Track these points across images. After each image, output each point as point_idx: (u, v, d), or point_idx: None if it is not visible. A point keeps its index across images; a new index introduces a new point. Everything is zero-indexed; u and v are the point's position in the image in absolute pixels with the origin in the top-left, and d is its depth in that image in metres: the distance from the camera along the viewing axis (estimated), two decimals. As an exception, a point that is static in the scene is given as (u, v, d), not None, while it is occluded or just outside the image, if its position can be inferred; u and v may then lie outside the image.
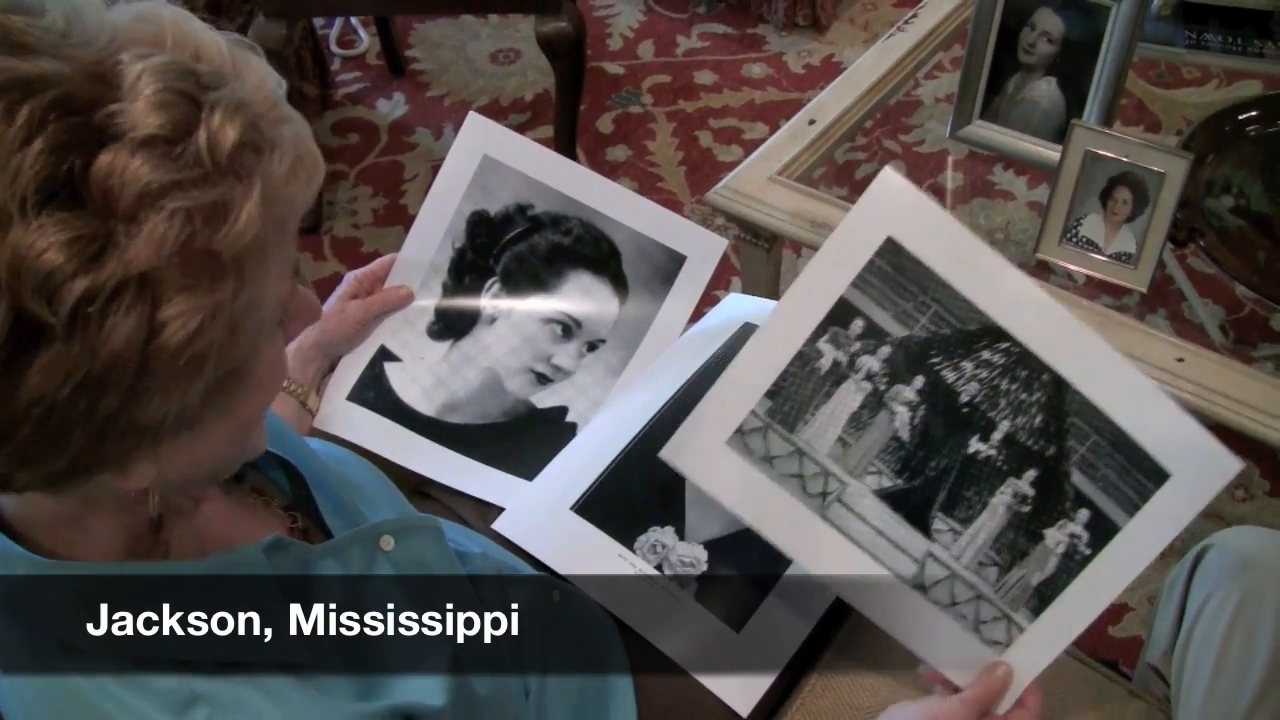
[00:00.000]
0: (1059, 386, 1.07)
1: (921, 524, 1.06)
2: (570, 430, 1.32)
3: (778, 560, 1.15)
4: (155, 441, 0.69)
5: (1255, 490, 2.10)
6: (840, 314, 1.07)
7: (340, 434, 1.29)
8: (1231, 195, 1.58)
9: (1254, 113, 1.66)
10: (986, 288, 1.07)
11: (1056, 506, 1.07)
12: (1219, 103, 1.75)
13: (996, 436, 1.07)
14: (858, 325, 1.07)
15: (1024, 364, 1.07)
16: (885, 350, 1.08)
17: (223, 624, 0.80)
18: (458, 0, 2.54)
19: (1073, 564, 1.06)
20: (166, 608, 0.79)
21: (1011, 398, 1.08)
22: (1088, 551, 1.06)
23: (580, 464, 1.26)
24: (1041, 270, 1.54)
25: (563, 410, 1.33)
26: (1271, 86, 1.85)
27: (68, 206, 0.60)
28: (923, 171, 2.37)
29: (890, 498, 1.07)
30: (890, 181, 1.07)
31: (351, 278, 1.36)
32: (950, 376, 1.08)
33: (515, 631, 1.06)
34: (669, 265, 1.37)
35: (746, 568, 1.17)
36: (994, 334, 1.07)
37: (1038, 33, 1.59)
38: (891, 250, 1.06)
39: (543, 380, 1.34)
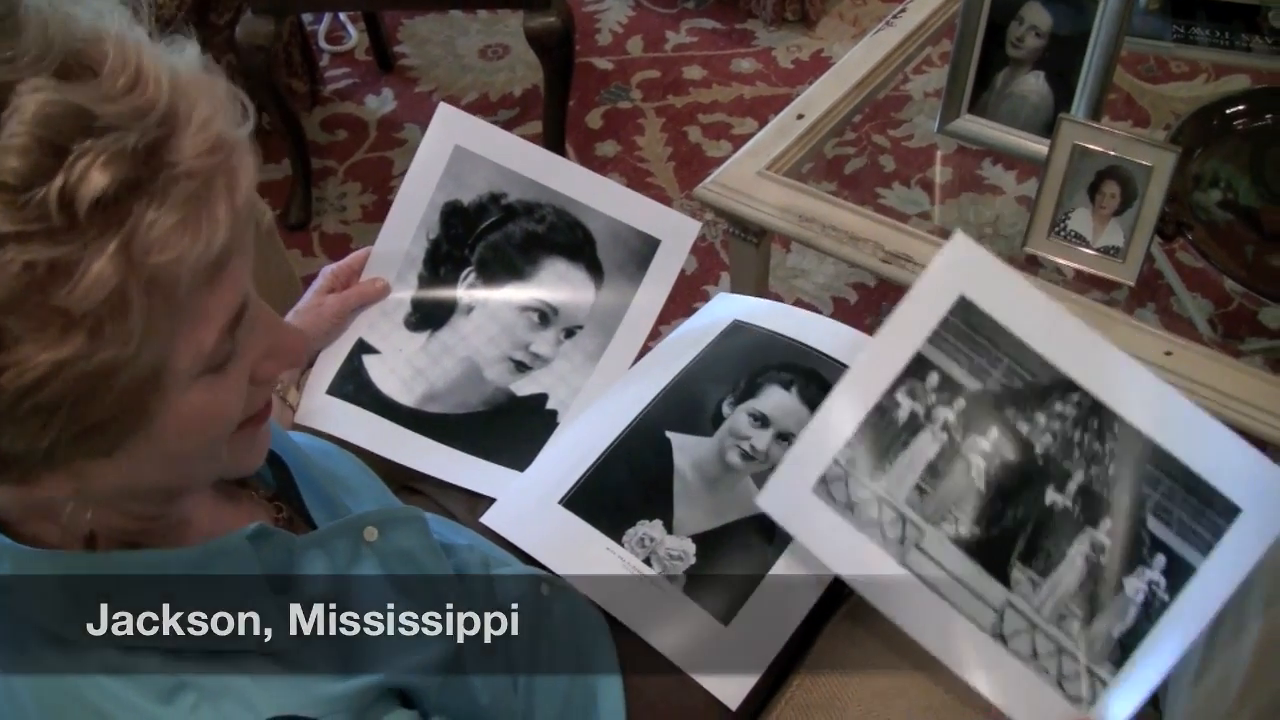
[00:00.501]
0: (1130, 435, 1.11)
1: (1000, 573, 1.09)
2: (551, 417, 1.32)
3: (766, 554, 1.16)
4: (40, 465, 0.68)
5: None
6: (917, 368, 1.13)
7: (322, 428, 1.29)
8: (1219, 189, 1.58)
9: (1241, 107, 1.66)
10: (1055, 341, 1.13)
11: (1134, 554, 1.09)
12: (1207, 97, 1.75)
13: (1072, 487, 1.11)
14: (934, 379, 1.13)
15: (1095, 414, 1.12)
16: (960, 403, 1.13)
17: (206, 614, 0.80)
18: (446, -5, 2.54)
19: (1152, 611, 1.07)
20: (152, 596, 0.78)
21: (1085, 448, 1.11)
22: (1166, 597, 1.08)
23: (569, 458, 1.26)
24: (1031, 264, 1.54)
25: (543, 397, 1.33)
26: (1259, 81, 1.85)
27: None
28: (912, 166, 2.38)
29: (968, 546, 1.10)
30: (961, 243, 1.15)
31: (327, 272, 1.36)
32: (1024, 428, 1.12)
33: (504, 626, 1.07)
34: (643, 249, 1.37)
35: (735, 562, 1.17)
36: (1065, 386, 1.12)
37: (1026, 27, 1.59)
38: (964, 308, 1.14)
39: (521, 368, 1.34)
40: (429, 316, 1.37)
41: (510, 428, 1.32)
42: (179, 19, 2.57)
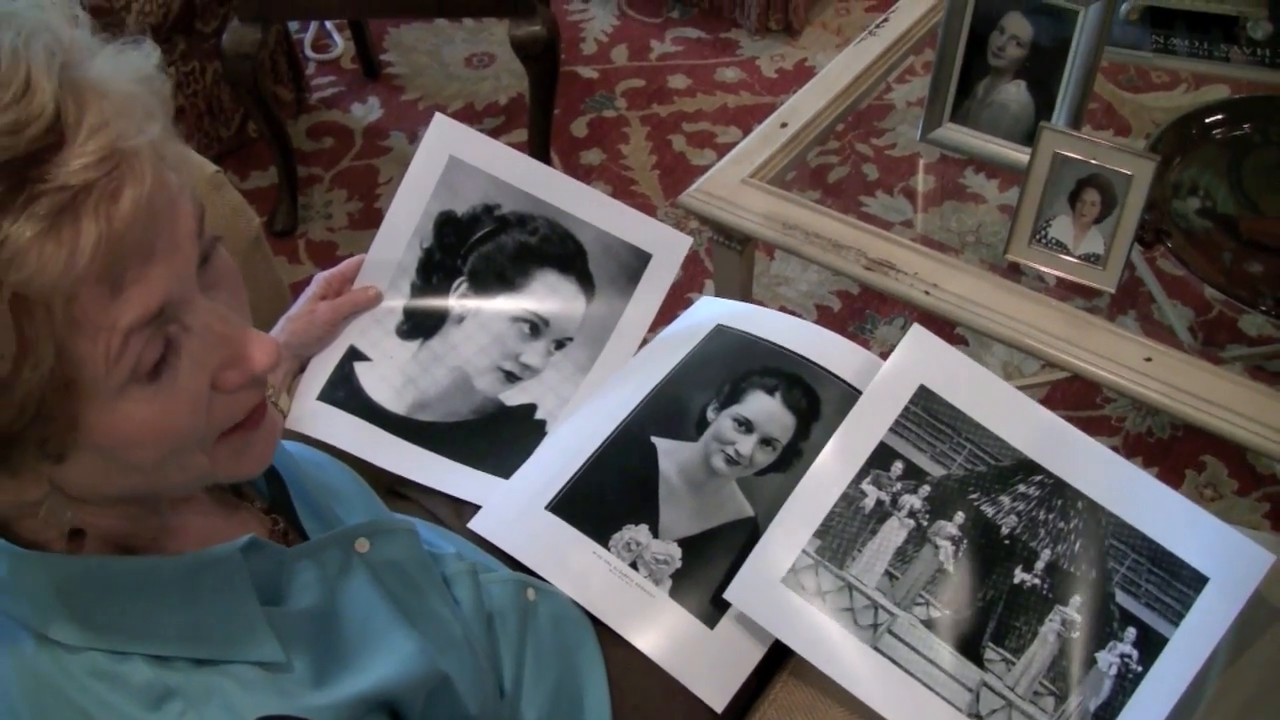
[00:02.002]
0: (1093, 511, 1.15)
1: (973, 654, 1.11)
2: (539, 427, 1.33)
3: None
4: None
5: (1224, 490, 2.12)
6: (881, 457, 1.18)
7: (313, 434, 1.30)
8: (1198, 197, 1.60)
9: (1220, 116, 1.68)
10: (1015, 425, 1.18)
11: (1105, 628, 1.11)
12: (1187, 106, 1.77)
13: (1039, 565, 1.14)
14: (898, 467, 1.17)
15: (1059, 493, 1.16)
16: (925, 489, 1.17)
17: (195, 623, 0.80)
18: (432, 4, 2.54)
19: (1126, 683, 1.09)
20: (142, 603, 0.79)
21: (1050, 527, 1.15)
22: (1139, 669, 1.10)
23: (555, 463, 1.26)
24: (1012, 272, 1.55)
25: (532, 408, 1.34)
26: (1237, 90, 1.87)
27: None
28: (894, 175, 2.40)
29: (940, 628, 1.12)
30: (919, 335, 1.22)
31: (320, 279, 1.37)
32: (990, 510, 1.16)
33: (491, 633, 1.08)
34: (634, 263, 1.38)
35: (720, 565, 1.17)
36: (1027, 468, 1.17)
37: (1007, 36, 1.60)
38: (924, 396, 1.20)
39: (511, 378, 1.35)
40: (420, 325, 1.37)
41: (499, 437, 1.33)
42: (165, 27, 2.58)
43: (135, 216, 0.65)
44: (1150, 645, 1.10)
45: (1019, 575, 1.13)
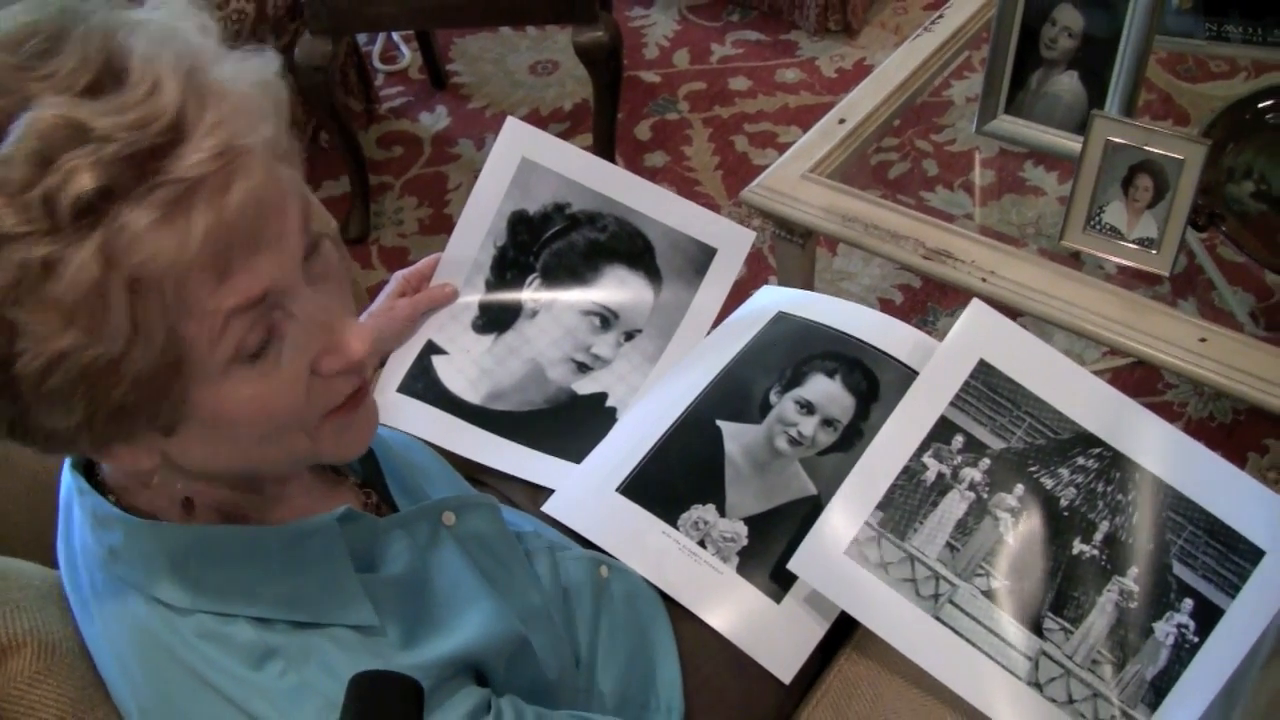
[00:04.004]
0: (1151, 484, 1.15)
1: (1032, 623, 1.12)
2: (610, 414, 1.37)
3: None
4: (101, 438, 0.74)
5: (1287, 470, 2.12)
6: (942, 431, 1.19)
7: (394, 424, 1.34)
8: (1252, 181, 1.61)
9: (1273, 101, 1.68)
10: (1074, 398, 1.19)
11: (1162, 599, 1.12)
12: (1244, 93, 1.78)
13: (1098, 537, 1.14)
14: (958, 440, 1.19)
15: (1117, 466, 1.16)
16: (986, 462, 1.18)
17: (295, 587, 0.85)
18: (496, 14, 2.58)
19: (1183, 653, 1.10)
20: (247, 569, 0.84)
21: (1108, 499, 1.15)
22: (1196, 639, 1.10)
23: (624, 447, 1.30)
24: (1071, 260, 1.57)
25: (603, 396, 1.38)
26: (1293, 75, 1.87)
27: None
28: (954, 170, 2.42)
29: (999, 598, 1.13)
30: (979, 310, 1.22)
31: (399, 277, 1.42)
32: (1049, 483, 1.17)
33: (569, 605, 1.13)
34: (700, 258, 1.42)
35: (785, 542, 1.20)
36: (1086, 440, 1.18)
37: (1059, 28, 1.63)
38: (984, 371, 1.20)
39: (583, 369, 1.39)
40: (495, 320, 1.42)
41: (571, 424, 1.37)
42: (239, 42, 2.64)
43: (244, 208, 0.70)
44: (1207, 616, 1.11)
45: (1077, 546, 1.14)
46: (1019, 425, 1.19)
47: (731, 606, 1.19)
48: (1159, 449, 1.17)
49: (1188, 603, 1.12)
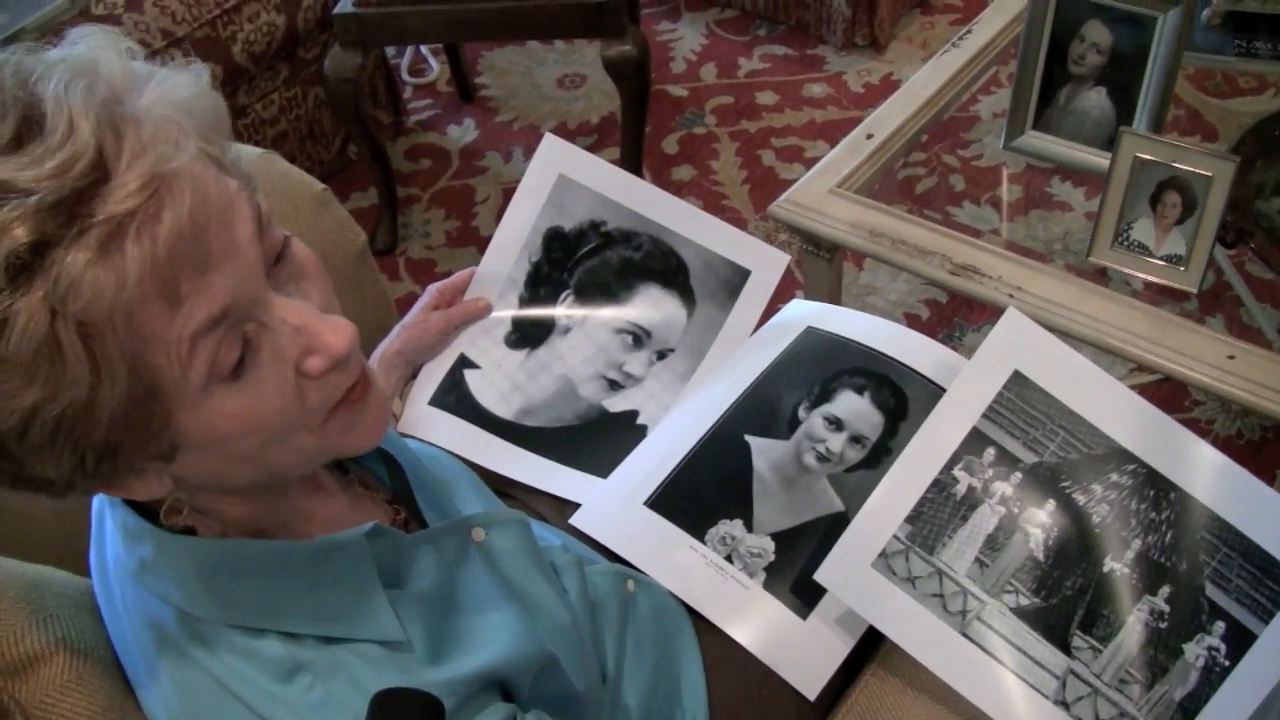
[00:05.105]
0: (1186, 503, 1.13)
1: (1061, 641, 1.11)
2: (641, 432, 1.37)
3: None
4: (108, 478, 0.75)
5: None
6: (973, 443, 1.17)
7: (424, 437, 1.35)
8: (1281, 198, 1.61)
9: (1303, 118, 1.69)
10: (1109, 412, 1.17)
11: (1193, 621, 1.10)
12: (1274, 110, 1.77)
13: (1130, 555, 1.13)
14: (990, 454, 1.17)
15: (1151, 484, 1.14)
16: (1017, 476, 1.16)
17: (323, 603, 0.86)
18: (525, 27, 2.59)
19: (1213, 676, 1.09)
20: (275, 584, 0.85)
21: (1141, 517, 1.14)
22: (1227, 663, 1.09)
23: (652, 461, 1.31)
24: (1099, 276, 1.57)
25: (634, 414, 1.38)
26: (1323, 92, 1.87)
27: None
28: (981, 185, 2.41)
29: (1028, 616, 1.12)
30: (1015, 319, 1.20)
31: (433, 290, 1.42)
32: (1081, 499, 1.15)
33: (596, 620, 1.13)
34: (734, 279, 1.42)
35: (812, 558, 1.20)
36: (1121, 456, 1.15)
37: (1087, 44, 1.63)
38: (1018, 383, 1.18)
39: (614, 387, 1.40)
40: (528, 335, 1.42)
41: (602, 440, 1.37)
42: (269, 54, 2.67)
43: (179, 234, 0.69)
44: (1239, 640, 1.09)
45: (1109, 564, 1.13)
46: (1052, 439, 1.17)
47: (757, 622, 1.19)
48: (1196, 469, 1.15)
49: (1220, 625, 1.10)
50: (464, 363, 1.41)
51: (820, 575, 1.15)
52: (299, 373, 0.79)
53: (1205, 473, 1.15)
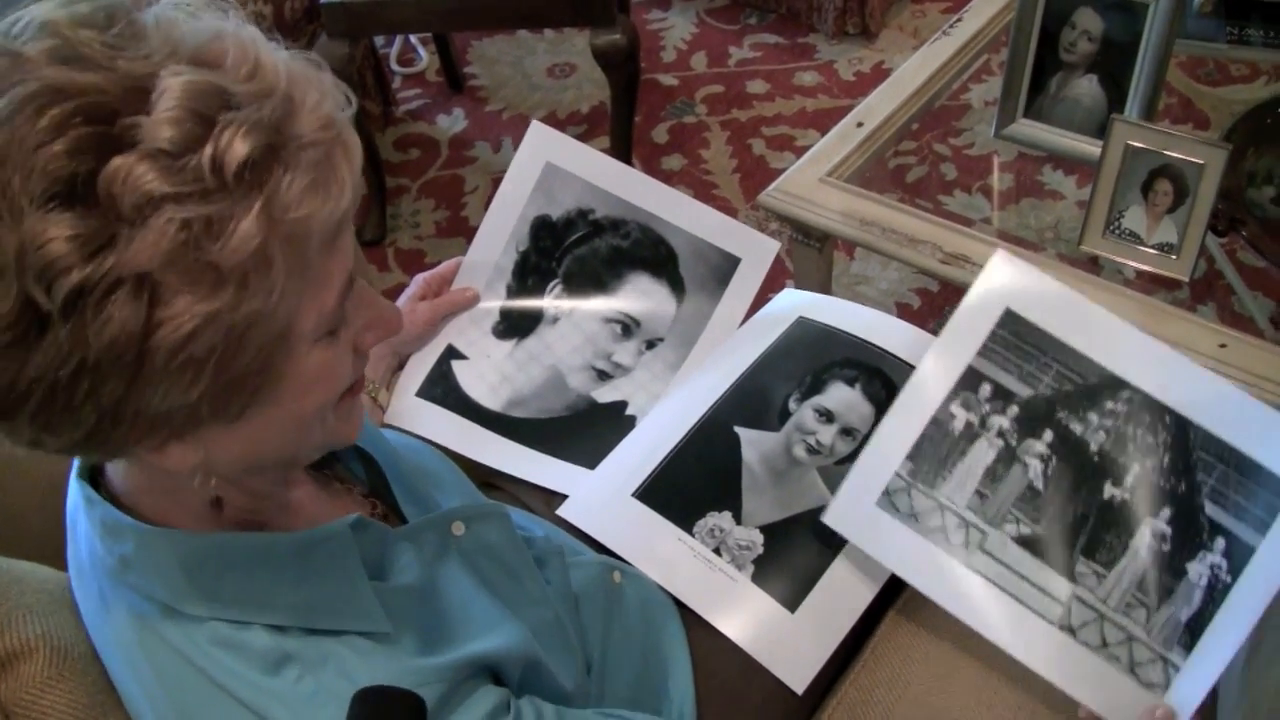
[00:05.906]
0: (1181, 425, 1.14)
1: (1065, 568, 1.12)
2: (630, 423, 1.36)
3: (831, 544, 1.20)
4: (178, 429, 0.74)
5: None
6: (969, 380, 1.19)
7: (411, 428, 1.34)
8: (1273, 185, 1.60)
9: (1294, 105, 1.68)
10: (1101, 343, 1.17)
11: (1195, 540, 1.11)
12: (1267, 98, 1.77)
13: (1129, 480, 1.14)
14: (986, 389, 1.18)
15: (1146, 409, 1.15)
16: (1014, 409, 1.18)
17: (309, 594, 0.85)
18: (514, 16, 2.58)
19: (1216, 593, 1.09)
20: (261, 576, 0.84)
21: (1138, 442, 1.14)
22: (1229, 578, 1.09)
23: (641, 452, 1.30)
24: (1090, 265, 1.57)
25: (622, 404, 1.38)
26: (1315, 80, 1.86)
27: (78, 205, 0.64)
28: (972, 174, 2.40)
29: (1031, 544, 1.13)
30: (1003, 260, 1.21)
31: (420, 280, 1.41)
32: (1078, 428, 1.16)
33: (580, 612, 1.12)
34: (724, 267, 1.41)
35: (801, 551, 1.20)
36: (1114, 384, 1.16)
37: (1078, 32, 1.62)
38: (1011, 320, 1.19)
39: (603, 377, 1.39)
40: (516, 325, 1.41)
41: (591, 431, 1.36)
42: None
43: (359, 179, 0.76)
44: (1238, 555, 1.10)
45: (1109, 490, 1.14)
46: (1046, 372, 1.18)
47: (745, 615, 1.18)
48: (1187, 389, 1.16)
49: (1220, 542, 1.11)
50: (452, 353, 1.40)
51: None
52: (353, 346, 0.83)
53: (1197, 393, 1.16)
